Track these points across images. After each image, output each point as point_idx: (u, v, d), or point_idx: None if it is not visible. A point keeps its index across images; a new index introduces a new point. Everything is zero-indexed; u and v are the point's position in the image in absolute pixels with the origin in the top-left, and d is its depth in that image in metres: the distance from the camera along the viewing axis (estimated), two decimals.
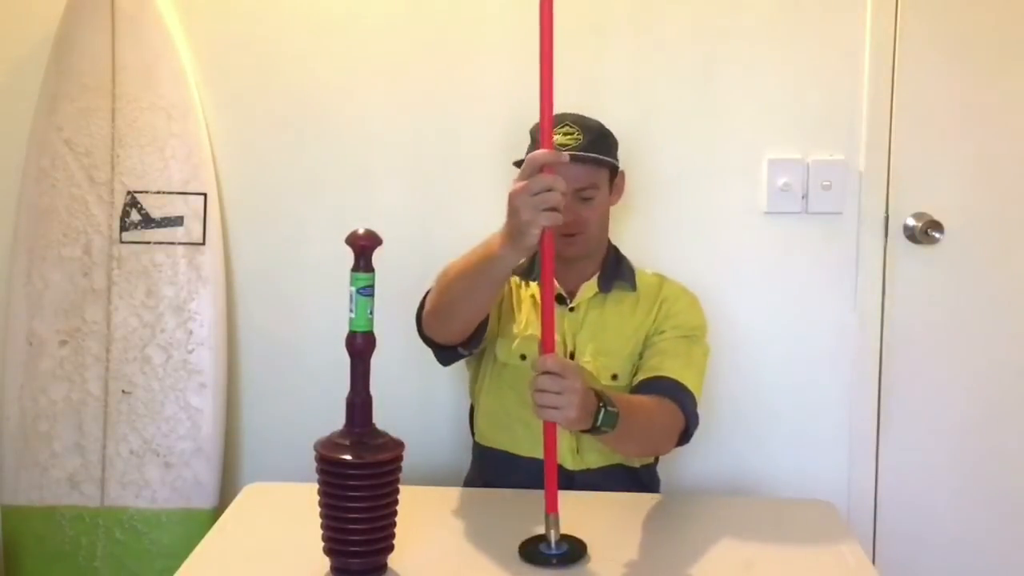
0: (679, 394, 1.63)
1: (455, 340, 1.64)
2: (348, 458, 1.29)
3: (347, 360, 1.33)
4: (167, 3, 2.03)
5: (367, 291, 1.30)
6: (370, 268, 1.30)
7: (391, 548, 1.34)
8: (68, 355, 2.00)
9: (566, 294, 1.76)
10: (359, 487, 1.29)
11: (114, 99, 2.00)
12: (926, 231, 2.02)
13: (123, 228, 2.01)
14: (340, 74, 2.05)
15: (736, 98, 2.02)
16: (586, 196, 1.70)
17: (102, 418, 2.00)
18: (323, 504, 1.32)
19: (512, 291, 1.78)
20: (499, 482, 1.72)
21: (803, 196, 2.03)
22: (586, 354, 1.73)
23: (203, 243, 2.02)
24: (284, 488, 1.67)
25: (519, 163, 1.71)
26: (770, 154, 2.03)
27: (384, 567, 1.34)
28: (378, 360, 1.33)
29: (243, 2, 2.05)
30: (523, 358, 1.72)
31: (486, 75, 2.03)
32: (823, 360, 2.07)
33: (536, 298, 1.76)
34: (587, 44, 2.00)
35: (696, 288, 1.84)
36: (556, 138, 1.64)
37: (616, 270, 1.80)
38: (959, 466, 2.10)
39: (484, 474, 1.81)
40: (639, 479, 1.79)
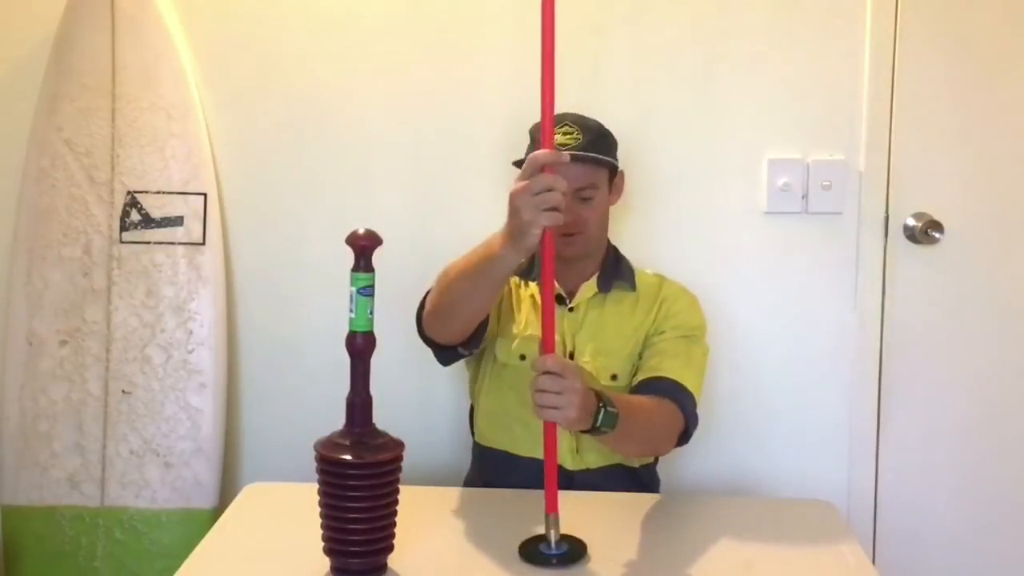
0: (679, 395, 1.63)
1: (455, 340, 1.64)
2: (348, 458, 1.29)
3: (347, 360, 1.33)
4: (167, 3, 2.03)
5: (367, 291, 1.30)
6: (370, 268, 1.30)
7: (391, 548, 1.34)
8: (68, 355, 2.00)
9: (565, 294, 1.76)
10: (359, 487, 1.29)
11: (114, 99, 2.00)
12: (926, 231, 2.02)
13: (123, 228, 2.01)
14: (340, 74, 2.05)
15: (736, 98, 2.02)
16: (585, 196, 1.70)
17: (102, 418, 2.00)
18: (323, 504, 1.32)
19: (511, 291, 1.78)
20: (499, 482, 1.72)
21: (803, 196, 2.03)
22: (585, 354, 1.73)
23: (203, 243, 2.02)
24: (284, 488, 1.67)
25: (518, 163, 1.71)
26: (770, 154, 2.03)
27: (384, 567, 1.34)
28: (378, 360, 1.33)
29: (243, 2, 2.05)
30: (522, 358, 1.72)
31: (486, 75, 2.03)
32: (823, 360, 2.07)
33: (535, 298, 1.76)
34: (587, 44, 2.00)
35: (696, 288, 1.84)
36: (556, 138, 1.64)
37: (615, 270, 1.80)
38: (959, 466, 2.11)
39: (484, 474, 1.81)
40: (639, 479, 1.79)
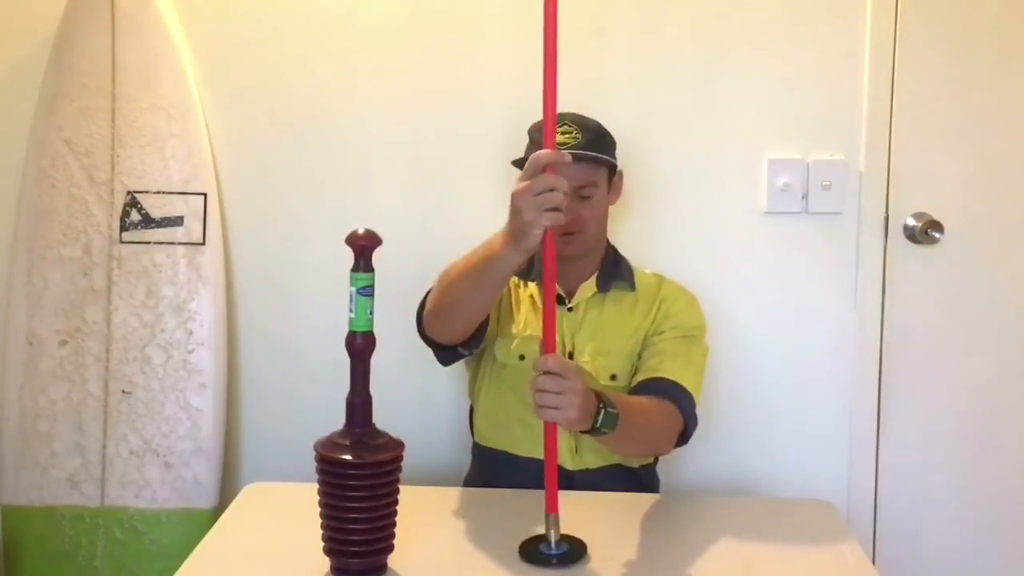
0: (678, 395, 1.63)
1: (456, 340, 1.64)
2: (348, 458, 1.29)
3: (347, 360, 1.33)
4: (167, 3, 2.03)
5: (367, 291, 1.30)
6: (370, 268, 1.30)
7: (391, 548, 1.34)
8: (68, 355, 2.00)
9: (565, 294, 1.76)
10: (359, 487, 1.29)
11: (114, 99, 2.00)
12: (926, 231, 2.02)
13: (123, 228, 2.01)
14: (340, 74, 2.05)
15: (736, 98, 2.02)
16: (585, 195, 1.70)
17: (102, 418, 2.00)
18: (323, 504, 1.32)
19: (511, 291, 1.78)
20: (498, 482, 1.72)
21: (803, 196, 2.03)
22: (585, 354, 1.73)
23: (203, 243, 2.02)
24: (284, 488, 1.67)
25: (517, 162, 1.71)
26: (770, 154, 2.03)
27: (384, 567, 1.34)
28: (378, 360, 1.33)
29: (243, 2, 2.05)
30: (522, 358, 1.72)
31: (486, 75, 2.03)
32: (823, 360, 2.07)
33: (534, 298, 1.76)
34: (588, 45, 2.00)
35: (696, 288, 1.84)
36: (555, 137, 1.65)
37: (615, 270, 1.80)
38: (959, 466, 2.10)
39: (484, 474, 1.81)
40: (638, 479, 1.79)
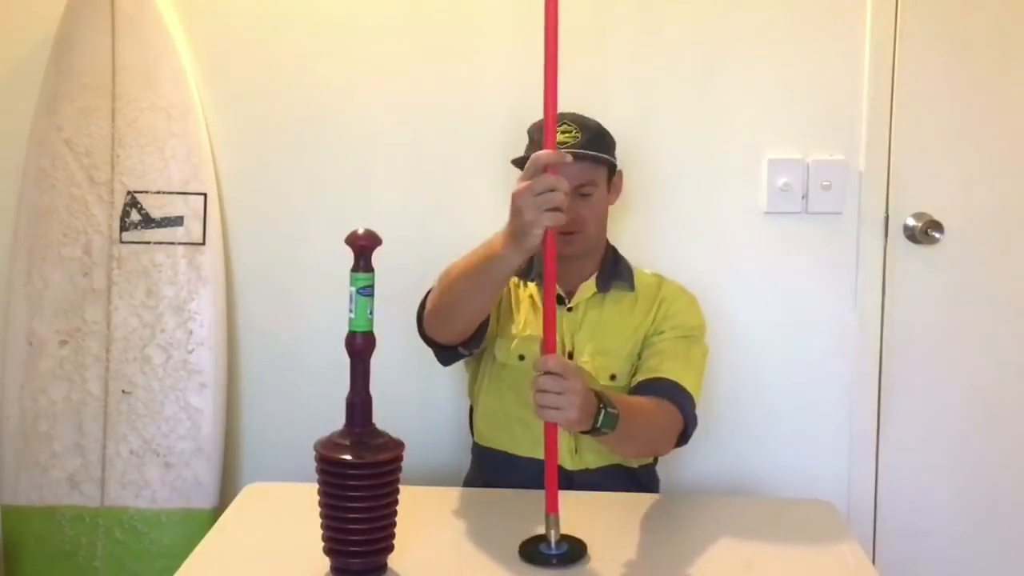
0: (678, 395, 1.63)
1: (456, 340, 1.64)
2: (348, 458, 1.29)
3: (347, 360, 1.33)
4: (167, 3, 2.03)
5: (367, 291, 1.30)
6: (370, 268, 1.30)
7: (391, 548, 1.34)
8: (68, 355, 2.00)
9: (564, 294, 1.76)
10: (359, 487, 1.29)
11: (114, 99, 2.00)
12: (926, 231, 2.02)
13: (123, 228, 2.01)
14: (340, 74, 2.05)
15: (736, 98, 2.02)
16: (585, 192, 1.70)
17: (102, 418, 2.00)
18: (323, 504, 1.32)
19: (510, 291, 1.78)
20: (498, 482, 1.72)
21: (803, 196, 2.03)
22: (584, 354, 1.73)
23: (203, 243, 2.02)
24: (284, 488, 1.67)
25: (517, 161, 1.71)
26: (770, 154, 2.03)
27: (384, 567, 1.34)
28: (378, 360, 1.33)
29: (243, 2, 2.05)
30: (521, 358, 1.72)
31: (486, 75, 2.03)
32: (823, 360, 2.07)
33: (534, 298, 1.76)
34: (588, 45, 2.00)
35: (696, 288, 1.84)
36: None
37: (614, 270, 1.80)
38: (959, 466, 2.10)
39: (483, 474, 1.81)
40: (638, 479, 1.79)
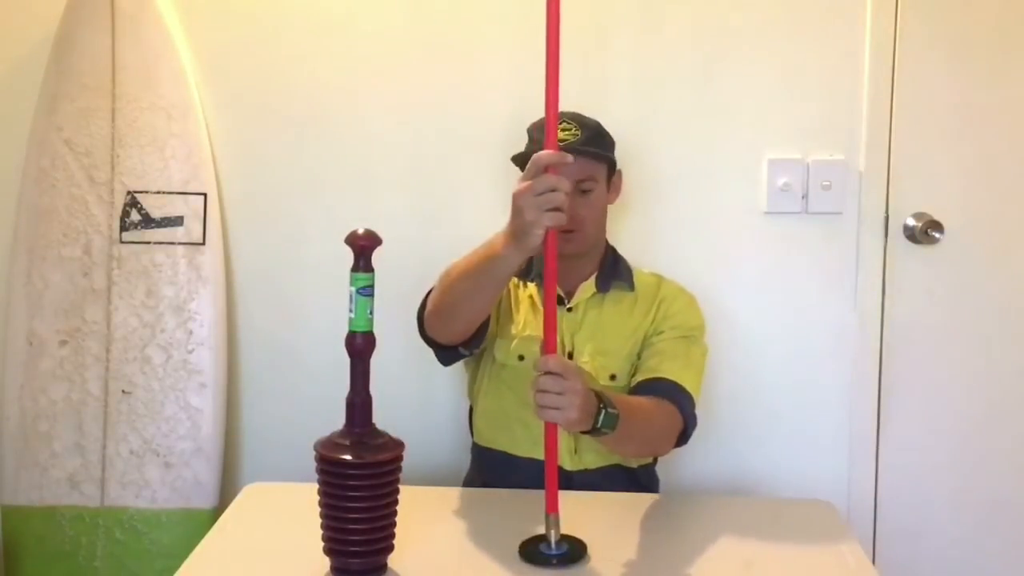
0: (678, 395, 1.63)
1: (456, 340, 1.64)
2: (348, 458, 1.29)
3: (347, 360, 1.33)
4: (167, 3, 2.03)
5: (367, 291, 1.30)
6: (370, 268, 1.30)
7: (391, 548, 1.34)
8: (68, 355, 2.00)
9: (564, 294, 1.76)
10: (359, 487, 1.29)
11: (114, 99, 2.00)
12: (926, 231, 2.02)
13: (123, 228, 2.01)
14: (340, 74, 2.05)
15: (736, 98, 2.02)
16: (585, 188, 1.70)
17: (102, 418, 2.00)
18: (323, 504, 1.32)
19: (510, 292, 1.78)
20: (498, 483, 1.72)
21: (803, 196, 2.03)
22: (584, 354, 1.73)
23: (203, 243, 2.02)
24: (284, 488, 1.67)
25: (516, 158, 1.71)
26: (770, 154, 2.03)
27: (384, 567, 1.34)
28: (378, 360, 1.33)
29: (243, 2, 2.05)
30: (521, 359, 1.72)
31: (486, 75, 2.03)
32: (823, 360, 2.07)
33: (534, 299, 1.76)
34: (588, 44, 2.00)
35: (696, 288, 1.84)
36: None
37: (614, 270, 1.80)
38: (959, 466, 2.10)
39: (483, 474, 1.81)
40: (637, 479, 1.79)
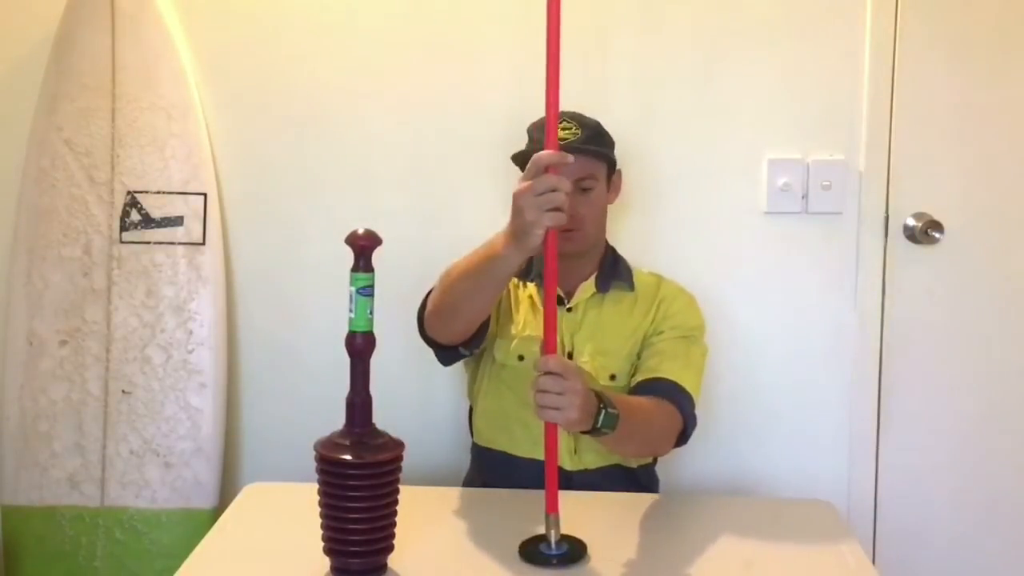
0: (677, 396, 1.63)
1: (457, 340, 1.64)
2: (348, 458, 1.29)
3: (347, 360, 1.33)
4: (167, 3, 2.03)
5: (367, 291, 1.30)
6: (370, 268, 1.30)
7: (391, 548, 1.34)
8: (68, 355, 2.00)
9: (564, 294, 1.76)
10: (359, 487, 1.29)
11: (114, 99, 2.00)
12: (926, 231, 2.02)
13: (123, 228, 2.01)
14: (340, 74, 2.05)
15: (736, 98, 2.02)
16: (585, 186, 1.70)
17: (102, 418, 2.00)
18: (323, 504, 1.32)
19: (510, 292, 1.78)
20: (498, 483, 1.72)
21: (803, 196, 2.03)
22: (584, 354, 1.73)
23: (203, 243, 2.02)
24: (284, 488, 1.67)
25: (516, 157, 1.72)
26: (770, 154, 2.03)
27: (384, 567, 1.34)
28: (378, 360, 1.33)
29: (243, 2, 2.05)
30: (521, 359, 1.72)
31: (486, 75, 2.03)
32: (823, 360, 2.07)
33: (534, 299, 1.76)
34: (588, 44, 2.00)
35: (696, 288, 1.84)
36: None
37: (614, 270, 1.80)
38: (959, 466, 2.10)
39: (483, 475, 1.81)
40: (637, 480, 1.79)
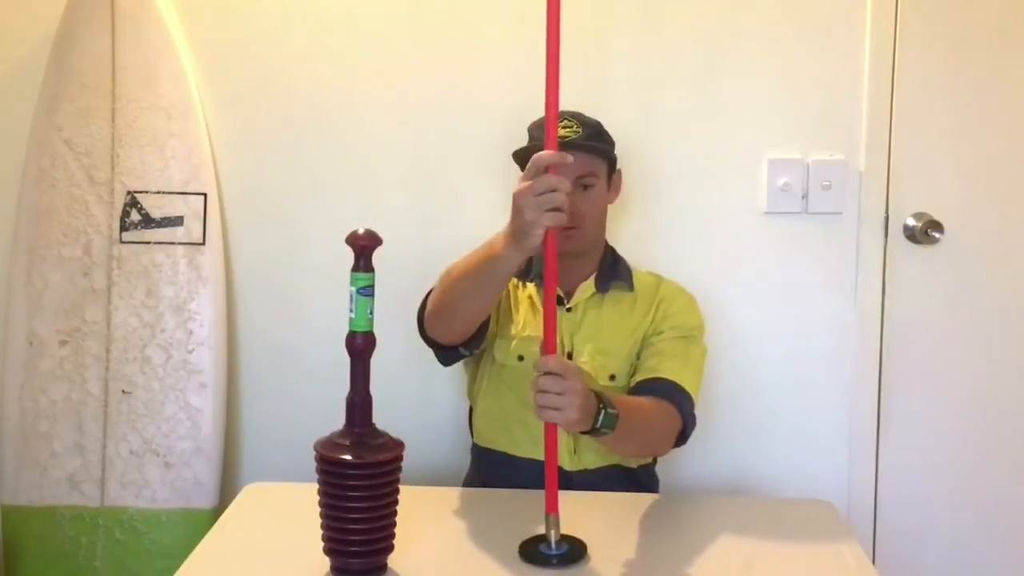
0: (677, 396, 1.63)
1: (457, 340, 1.64)
2: (348, 458, 1.29)
3: (347, 360, 1.33)
4: (167, 3, 2.03)
5: (367, 291, 1.30)
6: (370, 268, 1.30)
7: (391, 548, 1.34)
8: (68, 355, 2.00)
9: (563, 294, 1.76)
10: (359, 487, 1.29)
11: (114, 99, 2.00)
12: (926, 231, 2.02)
13: (123, 228, 2.01)
14: (340, 74, 2.05)
15: (736, 98, 2.02)
16: (587, 184, 1.70)
17: (102, 418, 2.00)
18: (323, 504, 1.32)
19: (509, 292, 1.78)
20: (498, 483, 1.71)
21: (803, 196, 2.03)
22: (584, 354, 1.73)
23: (203, 243, 2.02)
24: (284, 488, 1.67)
25: (517, 154, 1.72)
26: (770, 154, 2.03)
27: (384, 567, 1.34)
28: (378, 360, 1.33)
29: (243, 2, 2.05)
30: (521, 359, 1.72)
31: (486, 75, 2.03)
32: (823, 360, 2.07)
33: (533, 299, 1.76)
34: (588, 44, 2.00)
35: (696, 288, 1.84)
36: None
37: (613, 270, 1.80)
38: (959, 466, 2.10)
39: (483, 475, 1.81)
40: (637, 479, 1.79)
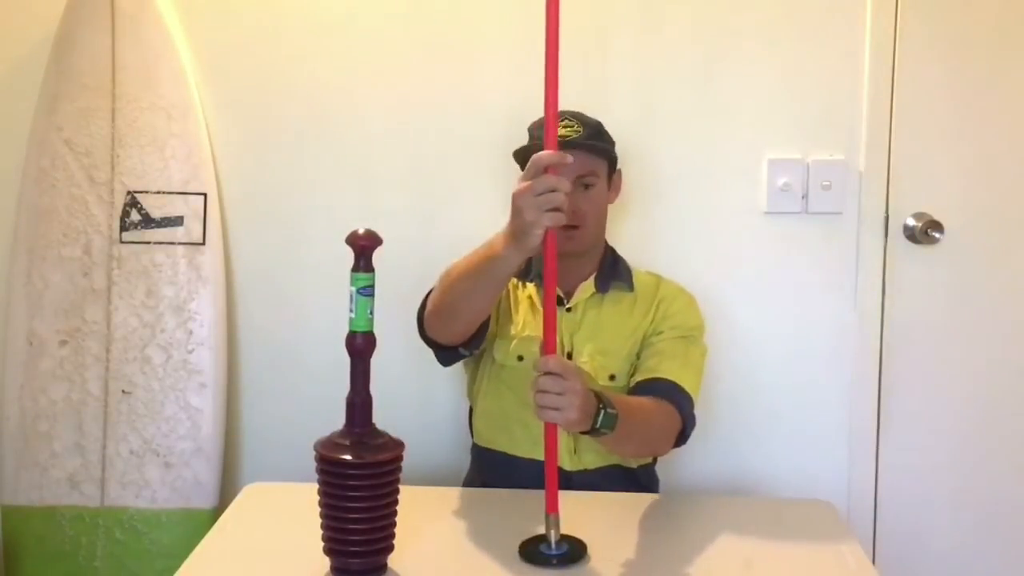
0: (676, 396, 1.63)
1: (456, 340, 1.64)
2: (348, 458, 1.29)
3: (347, 360, 1.33)
4: (167, 3, 2.03)
5: (367, 291, 1.30)
6: (370, 268, 1.31)
7: (391, 548, 1.34)
8: (68, 355, 2.00)
9: (563, 294, 1.76)
10: (359, 487, 1.29)
11: (114, 99, 2.00)
12: (926, 231, 2.02)
13: (123, 228, 2.01)
14: (340, 74, 2.05)
15: (736, 98, 2.02)
16: (587, 183, 1.70)
17: (102, 418, 2.00)
18: (323, 504, 1.32)
19: (509, 292, 1.78)
20: (498, 483, 1.72)
21: (803, 196, 2.03)
22: (584, 354, 1.73)
23: (203, 243, 2.02)
24: (284, 488, 1.67)
25: (517, 153, 1.72)
26: (770, 154, 2.03)
27: (384, 567, 1.34)
28: (378, 360, 1.33)
29: (243, 2, 2.05)
30: (520, 359, 1.72)
31: (486, 75, 2.03)
32: (823, 360, 2.07)
33: (533, 299, 1.76)
34: (588, 44, 2.00)
35: (696, 288, 1.84)
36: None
37: (613, 270, 1.80)
38: (959, 466, 2.10)
39: (483, 475, 1.81)
40: (637, 479, 1.79)
